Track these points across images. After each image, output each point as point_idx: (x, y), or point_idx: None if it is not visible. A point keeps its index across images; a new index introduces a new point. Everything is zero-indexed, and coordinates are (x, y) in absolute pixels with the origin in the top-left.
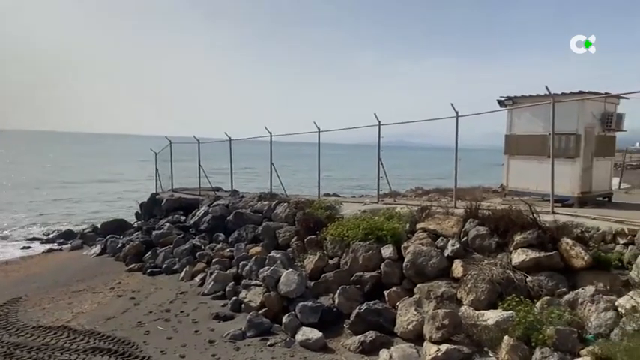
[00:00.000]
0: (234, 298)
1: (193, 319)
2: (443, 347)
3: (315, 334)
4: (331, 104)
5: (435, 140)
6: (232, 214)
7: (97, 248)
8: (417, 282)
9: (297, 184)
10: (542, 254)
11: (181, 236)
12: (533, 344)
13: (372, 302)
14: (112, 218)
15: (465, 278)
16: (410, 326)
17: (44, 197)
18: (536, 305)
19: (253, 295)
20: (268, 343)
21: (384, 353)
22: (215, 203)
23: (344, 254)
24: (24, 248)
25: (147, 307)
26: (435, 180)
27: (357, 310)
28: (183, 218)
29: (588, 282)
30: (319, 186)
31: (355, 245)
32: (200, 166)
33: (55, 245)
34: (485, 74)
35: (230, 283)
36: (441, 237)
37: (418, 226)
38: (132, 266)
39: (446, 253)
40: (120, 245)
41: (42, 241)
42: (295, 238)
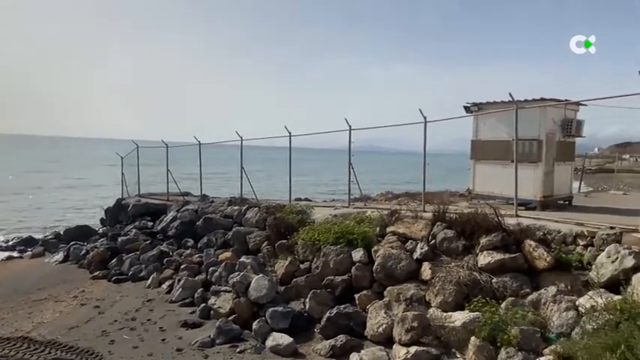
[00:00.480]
0: (203, 305)
1: (161, 328)
2: (412, 349)
3: (285, 340)
4: (301, 109)
5: (405, 145)
6: (202, 220)
7: (60, 255)
8: (387, 285)
9: (270, 189)
10: (506, 256)
11: (148, 242)
12: (498, 344)
13: (343, 306)
14: (76, 224)
15: (433, 281)
16: (380, 329)
17: (4, 203)
18: (501, 306)
19: (223, 302)
20: (238, 350)
21: (355, 357)
22: (184, 208)
23: (315, 259)
24: None
25: (112, 316)
26: (405, 184)
27: (328, 315)
28: (150, 224)
29: (551, 283)
30: (290, 190)
31: (326, 249)
32: (168, 171)
33: (15, 253)
34: (451, 80)
35: (199, 290)
36: (410, 240)
37: (388, 230)
38: (96, 274)
39: (415, 256)
40: (84, 252)
41: (0, 249)
42: (266, 243)
